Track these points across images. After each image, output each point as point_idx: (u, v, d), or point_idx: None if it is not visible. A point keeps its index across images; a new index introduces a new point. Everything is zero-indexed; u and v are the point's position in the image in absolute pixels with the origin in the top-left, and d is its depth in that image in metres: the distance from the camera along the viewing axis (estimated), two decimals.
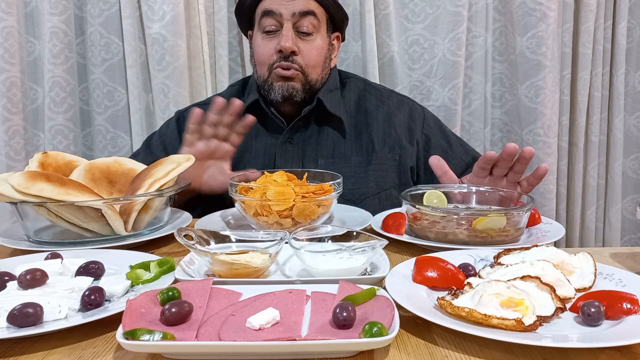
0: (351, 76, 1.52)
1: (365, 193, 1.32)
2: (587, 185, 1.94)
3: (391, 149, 1.39)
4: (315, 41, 1.34)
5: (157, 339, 0.55)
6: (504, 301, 0.62)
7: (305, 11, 1.31)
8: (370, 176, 1.36)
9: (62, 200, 0.92)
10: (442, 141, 1.44)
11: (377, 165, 1.37)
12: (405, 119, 1.43)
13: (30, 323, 0.62)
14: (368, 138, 1.39)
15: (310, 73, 1.35)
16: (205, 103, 1.51)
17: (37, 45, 1.84)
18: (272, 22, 1.32)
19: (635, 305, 0.63)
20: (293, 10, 1.30)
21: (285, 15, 1.30)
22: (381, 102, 1.45)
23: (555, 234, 0.97)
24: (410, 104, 1.48)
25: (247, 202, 0.98)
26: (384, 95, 1.47)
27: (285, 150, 1.37)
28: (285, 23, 1.31)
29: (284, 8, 1.30)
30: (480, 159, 1.10)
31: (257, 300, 0.65)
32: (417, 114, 1.46)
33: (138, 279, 0.75)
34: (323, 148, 1.38)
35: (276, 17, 1.31)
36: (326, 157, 1.36)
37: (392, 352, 0.59)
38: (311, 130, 1.39)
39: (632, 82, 1.92)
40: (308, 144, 1.38)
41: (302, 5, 1.31)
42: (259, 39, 1.36)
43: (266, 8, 1.32)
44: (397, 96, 1.49)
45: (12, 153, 1.81)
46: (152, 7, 1.76)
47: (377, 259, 0.79)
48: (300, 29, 1.32)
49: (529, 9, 1.78)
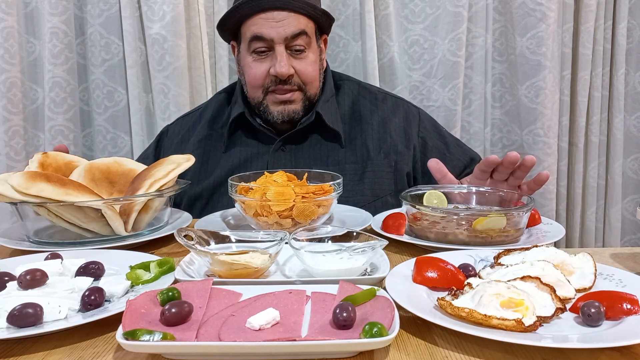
0: (344, 78, 1.49)
1: (360, 202, 1.26)
2: (587, 186, 1.94)
3: (387, 154, 1.35)
4: (309, 57, 1.31)
5: (157, 339, 0.55)
6: (504, 301, 0.62)
7: (296, 33, 1.27)
8: (366, 184, 1.32)
9: (62, 200, 0.92)
10: (439, 143, 1.42)
11: (373, 172, 1.33)
12: (400, 122, 1.41)
13: (30, 323, 0.62)
14: (362, 144, 1.36)
15: (309, 89, 1.32)
16: (189, 113, 1.51)
17: (37, 46, 1.84)
18: (262, 45, 1.27)
19: (635, 306, 0.63)
20: (285, 34, 1.25)
21: (277, 39, 1.26)
22: (375, 106, 1.42)
23: (555, 234, 0.97)
24: (405, 106, 1.45)
25: (247, 202, 0.98)
26: (378, 98, 1.44)
27: (277, 158, 1.34)
28: (277, 47, 1.26)
29: (275, 32, 1.25)
30: (481, 162, 1.09)
31: (257, 300, 0.65)
32: (413, 117, 1.43)
33: (138, 279, 0.75)
34: (317, 156, 1.35)
35: (267, 42, 1.27)
36: (320, 165, 1.31)
37: (392, 353, 0.59)
38: (304, 138, 1.36)
39: (632, 83, 1.92)
40: (301, 152, 1.35)
41: (293, 27, 1.26)
42: (249, 60, 1.30)
43: (256, 33, 1.26)
44: (392, 98, 1.47)
45: (12, 153, 1.81)
46: (152, 8, 1.76)
47: (377, 260, 0.79)
48: (293, 48, 1.28)
49: (529, 10, 1.78)
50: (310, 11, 1.28)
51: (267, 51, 1.28)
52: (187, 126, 1.46)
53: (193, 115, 1.49)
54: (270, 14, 1.25)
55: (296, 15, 1.27)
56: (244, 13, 1.27)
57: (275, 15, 1.25)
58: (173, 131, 1.48)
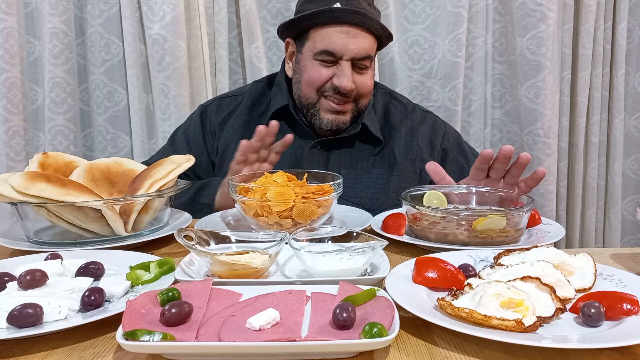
0: (378, 86, 1.52)
1: (384, 203, 1.30)
2: (587, 186, 1.94)
3: (412, 161, 1.40)
4: (369, 73, 1.34)
5: (157, 339, 0.55)
6: (504, 302, 0.62)
7: (365, 57, 1.29)
8: (391, 187, 1.36)
9: (62, 200, 0.92)
10: (459, 157, 1.45)
11: (398, 176, 1.38)
12: (427, 132, 1.45)
13: (30, 324, 0.62)
14: (390, 150, 1.40)
15: (363, 101, 1.35)
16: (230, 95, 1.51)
17: (37, 46, 1.84)
18: (330, 57, 1.29)
19: (635, 306, 0.63)
20: (356, 55, 1.28)
21: (346, 57, 1.28)
22: (405, 116, 1.46)
23: (555, 234, 0.97)
24: (433, 118, 1.50)
25: (247, 202, 0.98)
26: (408, 109, 1.49)
27: (312, 154, 1.38)
28: (344, 62, 1.28)
29: (347, 50, 1.27)
30: (477, 158, 1.09)
31: (257, 300, 0.65)
32: (439, 128, 1.47)
33: (138, 279, 0.75)
34: (347, 158, 1.39)
35: (335, 56, 1.29)
36: (349, 168, 1.37)
37: (392, 353, 0.59)
38: (341, 142, 1.39)
39: (632, 83, 1.92)
40: (334, 151, 1.39)
41: (363, 50, 1.28)
42: (314, 63, 1.31)
43: (328, 47, 1.28)
44: (421, 111, 1.51)
45: (12, 154, 1.81)
46: (152, 8, 1.76)
47: (377, 260, 0.79)
48: (358, 66, 1.30)
49: (529, 10, 1.78)
50: (380, 32, 1.31)
51: (333, 62, 1.30)
52: (227, 109, 1.47)
53: (232, 100, 1.49)
54: (347, 29, 1.27)
55: (368, 35, 1.30)
56: (319, 21, 1.29)
57: (349, 31, 1.27)
58: (212, 111, 1.48)
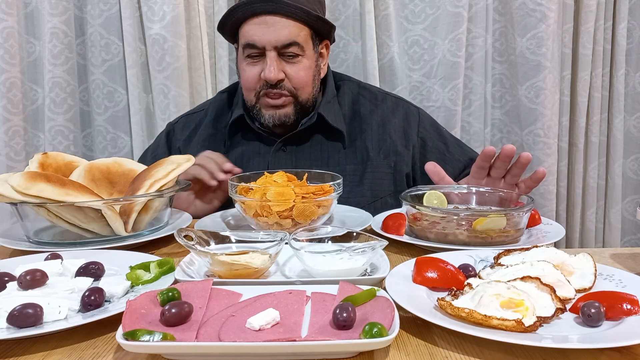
0: (345, 78, 1.48)
1: (360, 202, 1.26)
2: (587, 186, 1.94)
3: (386, 155, 1.36)
4: (302, 62, 1.29)
5: (157, 339, 0.55)
6: (504, 302, 0.62)
7: (287, 43, 1.26)
8: (365, 185, 1.33)
9: (62, 200, 0.92)
10: (439, 143, 1.42)
11: (372, 173, 1.34)
12: (400, 122, 1.41)
13: (30, 324, 0.62)
14: (362, 145, 1.36)
15: (301, 94, 1.31)
16: (196, 111, 1.51)
17: (37, 46, 1.84)
18: (254, 50, 1.27)
19: (636, 306, 0.63)
20: (276, 43, 1.25)
21: (267, 47, 1.25)
22: (375, 106, 1.42)
23: (555, 234, 0.97)
24: (405, 106, 1.45)
25: (247, 202, 0.98)
26: (378, 98, 1.44)
27: (278, 158, 1.35)
28: (268, 52, 1.26)
29: (266, 40, 1.25)
30: (479, 156, 1.09)
31: (257, 301, 0.65)
32: (412, 116, 1.43)
33: (138, 279, 0.75)
34: (317, 157, 1.35)
35: (259, 48, 1.27)
36: (320, 166, 1.32)
37: (392, 353, 0.59)
38: (305, 139, 1.36)
39: (632, 83, 1.92)
40: (302, 152, 1.36)
41: (284, 37, 1.25)
42: (244, 64, 1.31)
43: (248, 41, 1.26)
44: (392, 98, 1.46)
45: (12, 154, 1.81)
46: (152, 8, 1.76)
47: (377, 260, 0.79)
48: (286, 54, 1.28)
49: (529, 10, 1.78)
50: (303, 17, 1.27)
51: (260, 55, 1.28)
52: (192, 125, 1.46)
53: (198, 115, 1.49)
54: (263, 19, 1.25)
55: (289, 21, 1.26)
56: (238, 17, 1.28)
57: (267, 20, 1.25)
58: (178, 129, 1.48)
